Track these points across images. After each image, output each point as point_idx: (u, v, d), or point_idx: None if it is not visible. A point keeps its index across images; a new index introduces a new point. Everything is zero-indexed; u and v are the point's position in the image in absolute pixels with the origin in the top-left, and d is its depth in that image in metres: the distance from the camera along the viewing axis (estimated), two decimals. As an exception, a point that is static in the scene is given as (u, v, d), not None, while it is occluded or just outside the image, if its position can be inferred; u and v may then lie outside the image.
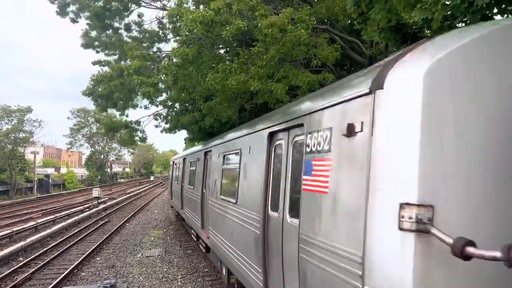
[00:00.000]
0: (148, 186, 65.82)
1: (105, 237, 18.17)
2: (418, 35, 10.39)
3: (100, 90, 19.74)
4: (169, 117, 28.41)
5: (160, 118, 28.09)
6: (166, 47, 33.30)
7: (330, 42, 14.57)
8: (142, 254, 15.04)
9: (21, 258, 14.65)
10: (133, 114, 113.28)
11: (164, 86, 19.73)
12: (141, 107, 23.33)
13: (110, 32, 22.25)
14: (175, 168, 23.03)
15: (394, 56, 3.69)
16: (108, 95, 19.43)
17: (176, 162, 23.63)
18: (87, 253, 14.74)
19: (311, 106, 4.60)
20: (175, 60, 14.99)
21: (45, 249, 15.89)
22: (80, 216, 25.05)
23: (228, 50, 18.45)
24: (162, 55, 18.81)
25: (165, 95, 24.74)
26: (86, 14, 21.28)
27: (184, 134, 33.46)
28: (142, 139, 27.01)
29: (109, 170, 78.56)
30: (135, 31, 23.10)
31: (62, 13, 21.49)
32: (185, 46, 14.33)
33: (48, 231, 18.96)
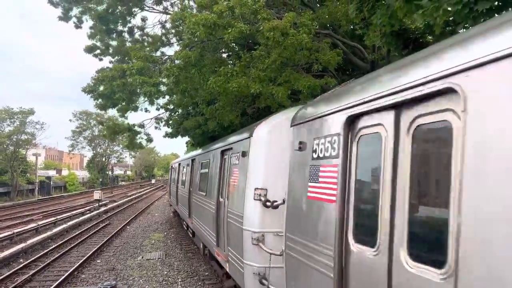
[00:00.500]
0: (149, 189, 65.80)
1: (105, 239, 18.18)
2: (419, 41, 10.42)
3: (101, 89, 19.75)
4: (170, 121, 28.48)
5: (161, 122, 28.20)
6: (169, 51, 33.42)
7: (332, 47, 14.61)
8: (142, 257, 15.04)
9: (21, 260, 14.66)
10: (134, 118, 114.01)
11: (166, 89, 19.78)
12: (141, 110, 23.34)
13: (114, 35, 22.33)
14: (175, 171, 23.57)
15: (258, 122, 8.01)
16: (108, 95, 19.44)
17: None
18: (88, 255, 14.75)
19: (233, 139, 9.21)
20: (177, 62, 15.05)
21: (45, 251, 15.90)
22: (81, 218, 25.07)
23: (230, 54, 18.51)
24: (165, 58, 18.88)
25: (167, 98, 24.85)
26: (89, 17, 21.38)
27: (185, 138, 33.54)
28: (149, 140, 27.28)
29: (110, 172, 78.61)
30: (138, 35, 23.20)
31: (65, 17, 21.60)
32: (187, 49, 14.39)
33: (49, 233, 18.98)
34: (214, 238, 9.77)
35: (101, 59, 23.03)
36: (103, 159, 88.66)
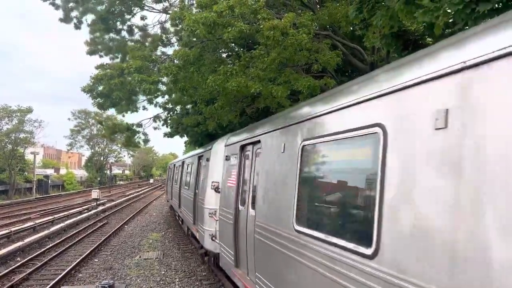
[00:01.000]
0: (147, 189, 65.72)
1: (103, 239, 18.13)
2: (419, 42, 10.42)
3: (100, 89, 19.75)
4: (169, 120, 28.46)
5: (159, 121, 28.18)
6: (169, 51, 33.38)
7: (332, 48, 14.61)
8: (140, 257, 15.00)
9: (18, 258, 14.61)
10: (133, 117, 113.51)
11: (165, 88, 19.75)
12: (139, 108, 23.30)
13: (113, 34, 22.30)
14: (171, 171, 26.50)
15: (214, 141, 11.80)
16: (107, 94, 19.42)
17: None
18: (85, 254, 14.71)
19: (204, 149, 13.13)
20: (176, 61, 15.03)
21: (43, 249, 15.85)
22: (78, 217, 24.99)
23: (230, 54, 18.49)
24: (164, 58, 18.86)
25: (166, 97, 24.82)
26: (90, 17, 21.38)
27: (184, 138, 33.50)
28: (145, 141, 27.44)
29: (108, 172, 78.43)
30: (138, 35, 23.18)
31: (66, 19, 21.59)
32: (186, 48, 14.36)
33: (46, 232, 18.92)
34: (192, 219, 13.93)
35: (101, 56, 22.99)
36: (102, 158, 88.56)
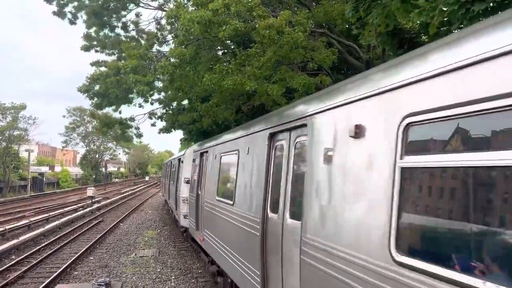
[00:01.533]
0: (142, 187, 65.62)
1: (98, 236, 18.10)
2: (415, 41, 10.46)
3: (96, 88, 19.70)
4: (164, 116, 28.37)
5: (155, 117, 28.09)
6: (165, 49, 33.26)
7: (327, 46, 14.62)
8: (135, 254, 14.99)
9: (13, 256, 14.56)
10: (128, 112, 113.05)
11: (161, 86, 19.68)
12: (135, 105, 23.29)
13: (108, 30, 22.19)
14: (164, 169, 31.60)
15: (188, 147, 17.89)
16: (104, 93, 19.36)
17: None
18: (80, 252, 14.68)
19: (182, 153, 18.61)
20: (173, 60, 15.00)
21: (38, 247, 15.80)
22: (73, 215, 24.93)
23: (225, 51, 18.47)
24: (160, 56, 18.82)
25: (162, 94, 24.76)
26: (84, 12, 21.21)
27: (180, 135, 33.44)
28: (138, 135, 27.57)
29: (104, 169, 78.15)
30: (133, 31, 23.07)
31: (60, 14, 21.43)
32: (182, 47, 14.34)
33: (41, 230, 18.87)
34: (175, 206, 18.73)
35: (97, 51, 22.86)
36: (97, 156, 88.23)
